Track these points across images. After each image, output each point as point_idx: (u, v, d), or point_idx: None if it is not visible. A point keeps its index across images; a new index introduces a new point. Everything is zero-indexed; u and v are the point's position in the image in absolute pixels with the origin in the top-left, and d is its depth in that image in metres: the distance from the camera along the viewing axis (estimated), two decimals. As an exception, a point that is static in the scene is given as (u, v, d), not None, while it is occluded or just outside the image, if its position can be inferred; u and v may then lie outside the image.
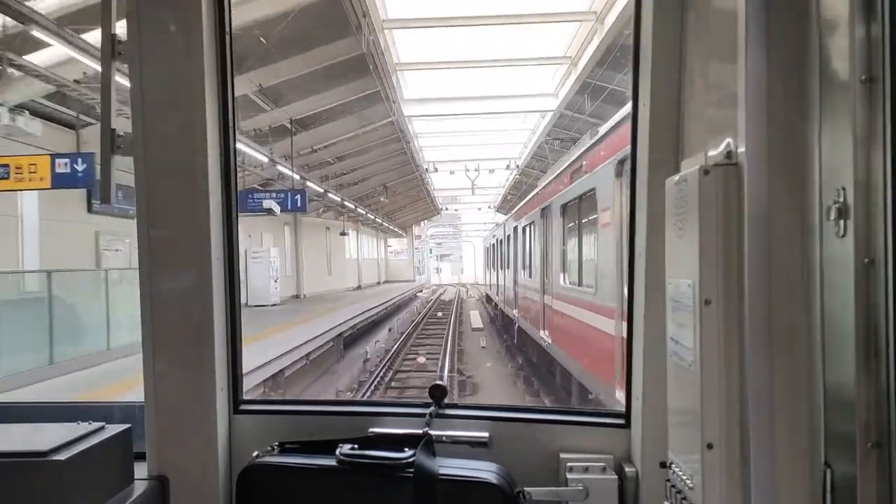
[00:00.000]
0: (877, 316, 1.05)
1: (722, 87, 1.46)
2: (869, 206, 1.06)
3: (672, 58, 1.77)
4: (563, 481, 1.93)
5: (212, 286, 1.97)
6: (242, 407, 2.12)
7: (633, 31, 1.88)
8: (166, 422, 1.98)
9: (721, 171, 1.35)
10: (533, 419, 2.14)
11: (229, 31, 2.03)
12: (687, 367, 1.44)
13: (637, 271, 1.90)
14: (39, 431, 1.81)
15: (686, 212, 1.43)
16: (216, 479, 1.98)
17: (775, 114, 1.27)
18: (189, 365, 1.98)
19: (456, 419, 2.05)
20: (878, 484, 1.07)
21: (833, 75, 1.16)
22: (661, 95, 1.79)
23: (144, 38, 1.91)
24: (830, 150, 1.17)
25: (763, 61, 1.27)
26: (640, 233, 1.86)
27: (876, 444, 1.06)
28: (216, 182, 1.99)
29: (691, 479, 1.43)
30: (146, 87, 1.92)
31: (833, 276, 1.16)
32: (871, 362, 1.07)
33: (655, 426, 1.79)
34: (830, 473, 1.18)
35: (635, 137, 1.90)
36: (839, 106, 1.13)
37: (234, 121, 2.08)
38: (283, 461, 1.94)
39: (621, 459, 1.97)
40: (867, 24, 1.07)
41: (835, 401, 1.17)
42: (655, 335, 1.74)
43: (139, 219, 1.94)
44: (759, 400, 1.29)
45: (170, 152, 1.95)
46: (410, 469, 1.85)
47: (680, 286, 1.46)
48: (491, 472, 1.87)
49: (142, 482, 1.91)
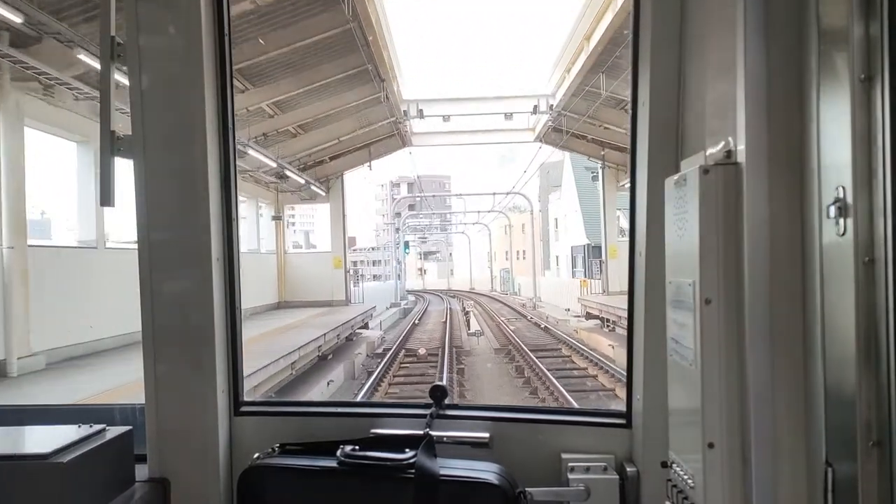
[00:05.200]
0: (877, 315, 1.05)
1: (721, 86, 1.46)
2: (869, 204, 1.06)
3: (671, 57, 1.77)
4: (564, 481, 1.93)
5: (212, 287, 1.97)
6: (243, 409, 2.11)
7: (632, 31, 1.88)
8: (167, 424, 1.97)
9: (721, 170, 1.35)
10: (534, 419, 2.14)
11: (228, 31, 2.03)
12: (688, 366, 1.44)
13: (637, 271, 1.90)
14: (41, 434, 1.82)
15: (686, 211, 1.43)
16: (217, 481, 1.98)
17: (775, 113, 1.27)
18: (189, 367, 1.98)
19: (457, 420, 2.05)
20: (879, 483, 1.07)
21: (832, 74, 1.16)
22: (661, 94, 1.79)
23: (144, 39, 1.90)
24: (830, 148, 1.17)
25: (762, 60, 1.27)
26: (640, 232, 1.86)
27: (877, 443, 1.06)
28: (216, 182, 1.99)
29: (692, 479, 1.43)
30: (146, 87, 1.92)
31: (833, 274, 1.16)
32: (871, 361, 1.06)
33: (656, 426, 1.79)
34: (831, 472, 1.18)
35: (635, 137, 1.90)
36: (838, 105, 1.13)
37: (234, 121, 2.08)
38: (283, 463, 1.94)
39: (622, 459, 1.96)
40: (866, 22, 1.07)
41: (835, 399, 1.17)
42: (656, 335, 1.74)
43: (139, 220, 1.94)
44: (759, 399, 1.29)
45: (169, 153, 1.95)
46: (412, 470, 1.85)
47: (680, 285, 1.46)
48: (492, 472, 1.87)
49: (143, 484, 1.91)
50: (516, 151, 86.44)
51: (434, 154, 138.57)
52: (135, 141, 1.92)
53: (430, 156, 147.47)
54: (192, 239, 1.96)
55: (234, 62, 2.07)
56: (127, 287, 3.05)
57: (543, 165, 48.22)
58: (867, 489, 1.08)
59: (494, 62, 52.01)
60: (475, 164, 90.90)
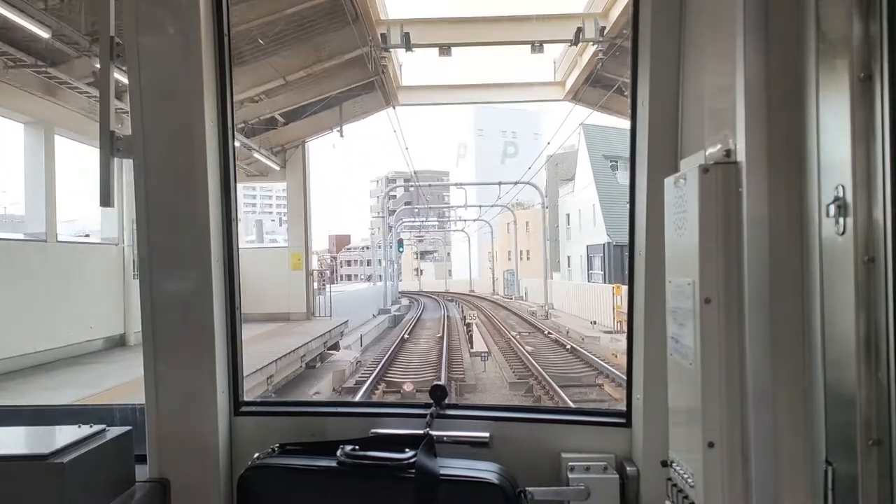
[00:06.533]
0: (877, 314, 1.05)
1: (721, 85, 1.46)
2: (868, 203, 1.06)
3: (671, 57, 1.77)
4: (564, 481, 1.93)
5: (212, 287, 1.97)
6: (243, 409, 2.12)
7: (632, 30, 1.88)
8: (167, 424, 1.98)
9: (720, 169, 1.35)
10: (534, 419, 2.14)
11: (227, 31, 2.03)
12: (687, 365, 1.44)
13: (637, 270, 1.90)
14: (41, 434, 1.82)
15: (685, 210, 1.43)
16: (217, 482, 1.98)
17: (774, 112, 1.27)
18: (189, 367, 1.98)
19: (457, 419, 2.05)
20: (879, 481, 1.07)
21: (831, 73, 1.16)
22: (661, 94, 1.79)
23: (143, 39, 1.91)
24: (829, 147, 1.17)
25: (761, 59, 1.27)
26: (640, 231, 1.87)
27: (877, 442, 1.06)
28: (216, 183, 2.00)
29: (692, 478, 1.43)
30: (145, 87, 1.92)
31: (833, 273, 1.16)
32: (871, 360, 1.07)
33: (656, 425, 1.79)
34: (831, 471, 1.18)
35: (634, 136, 1.90)
36: (838, 103, 1.13)
37: (234, 121, 2.09)
38: (284, 462, 1.94)
39: (622, 458, 1.97)
40: (865, 21, 1.07)
41: (835, 399, 1.17)
42: (656, 334, 1.74)
43: (139, 220, 1.95)
44: (759, 398, 1.29)
45: (169, 153, 1.96)
46: (412, 469, 1.85)
47: (680, 285, 1.46)
48: (492, 472, 1.87)
49: (143, 485, 1.91)
50: (520, 146, 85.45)
51: (432, 150, 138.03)
52: (134, 141, 1.92)
53: (428, 152, 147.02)
54: (192, 239, 1.96)
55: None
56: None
57: (551, 158, 44.90)
58: (867, 488, 1.08)
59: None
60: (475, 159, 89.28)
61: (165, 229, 1.97)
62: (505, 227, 59.09)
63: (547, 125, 76.19)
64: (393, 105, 21.15)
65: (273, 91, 17.64)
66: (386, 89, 19.82)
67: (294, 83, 17.63)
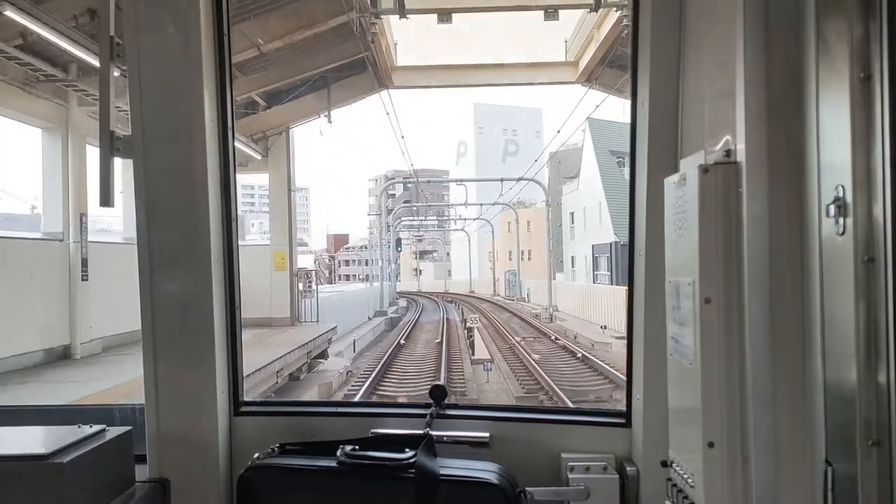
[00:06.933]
0: (877, 313, 1.05)
1: (721, 85, 1.46)
2: (868, 203, 1.06)
3: (671, 57, 1.77)
4: (564, 481, 1.93)
5: (212, 287, 1.97)
6: (243, 409, 2.12)
7: (632, 30, 1.88)
8: (167, 424, 1.97)
9: (720, 169, 1.35)
10: (534, 419, 2.14)
11: (227, 31, 2.03)
12: (687, 365, 1.44)
13: (637, 270, 1.90)
14: (41, 434, 1.82)
15: (685, 210, 1.43)
16: (217, 482, 1.98)
17: (774, 112, 1.27)
18: (189, 367, 1.98)
19: (457, 419, 2.05)
20: (878, 481, 1.07)
21: (831, 73, 1.16)
22: (660, 94, 1.79)
23: (143, 38, 1.91)
24: (829, 147, 1.17)
25: (761, 59, 1.27)
26: (640, 231, 1.87)
27: (877, 442, 1.06)
28: (215, 183, 2.00)
29: (692, 478, 1.43)
30: (145, 87, 1.92)
31: (833, 273, 1.16)
32: (871, 360, 1.06)
33: (656, 425, 1.79)
34: (831, 471, 1.18)
35: (634, 136, 1.90)
36: (838, 104, 1.13)
37: (234, 121, 2.09)
38: (283, 462, 1.94)
39: (622, 458, 1.97)
40: (865, 21, 1.07)
41: (835, 399, 1.17)
42: (656, 334, 1.74)
43: (139, 220, 1.94)
44: (759, 398, 1.29)
45: (169, 153, 1.96)
46: (412, 469, 1.85)
47: (680, 285, 1.46)
48: (492, 472, 1.87)
49: (143, 485, 1.91)
50: (521, 144, 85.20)
51: (431, 149, 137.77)
52: (134, 141, 1.92)
53: (427, 151, 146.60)
54: (192, 239, 1.96)
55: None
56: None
57: (553, 155, 43.95)
58: (867, 488, 1.08)
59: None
60: (476, 157, 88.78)
61: (165, 229, 1.97)
62: (506, 226, 58.27)
63: (549, 123, 75.58)
64: (387, 87, 19.08)
65: (248, 65, 15.29)
66: (379, 68, 17.54)
67: (272, 56, 15.28)
